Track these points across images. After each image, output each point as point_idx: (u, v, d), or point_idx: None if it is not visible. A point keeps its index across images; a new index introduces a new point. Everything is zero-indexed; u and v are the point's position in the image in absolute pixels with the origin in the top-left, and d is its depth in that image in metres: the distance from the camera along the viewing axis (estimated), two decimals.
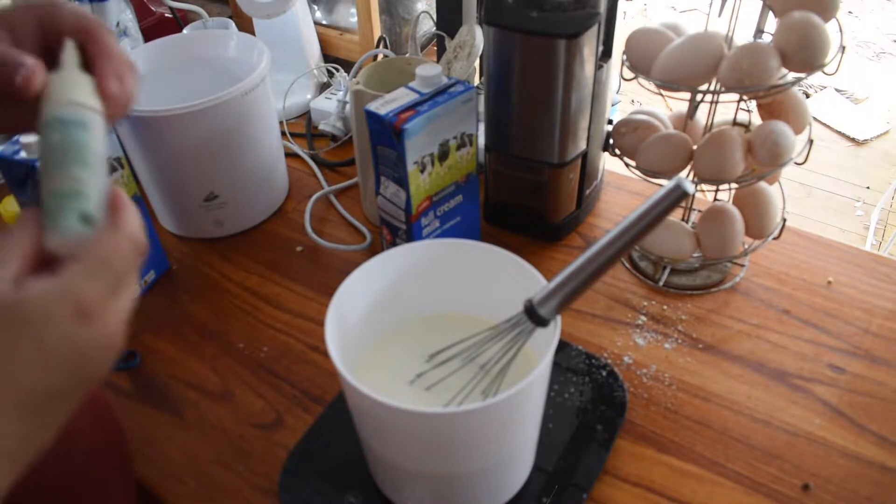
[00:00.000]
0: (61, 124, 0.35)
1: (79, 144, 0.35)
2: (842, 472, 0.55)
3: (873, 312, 0.67)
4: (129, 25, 0.84)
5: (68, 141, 0.35)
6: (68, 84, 0.37)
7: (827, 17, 0.58)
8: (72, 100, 0.36)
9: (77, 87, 0.37)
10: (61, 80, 0.37)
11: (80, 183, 0.34)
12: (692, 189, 0.41)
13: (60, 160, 0.34)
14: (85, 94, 0.37)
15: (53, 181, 0.34)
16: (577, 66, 0.64)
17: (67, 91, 0.36)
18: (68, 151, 0.35)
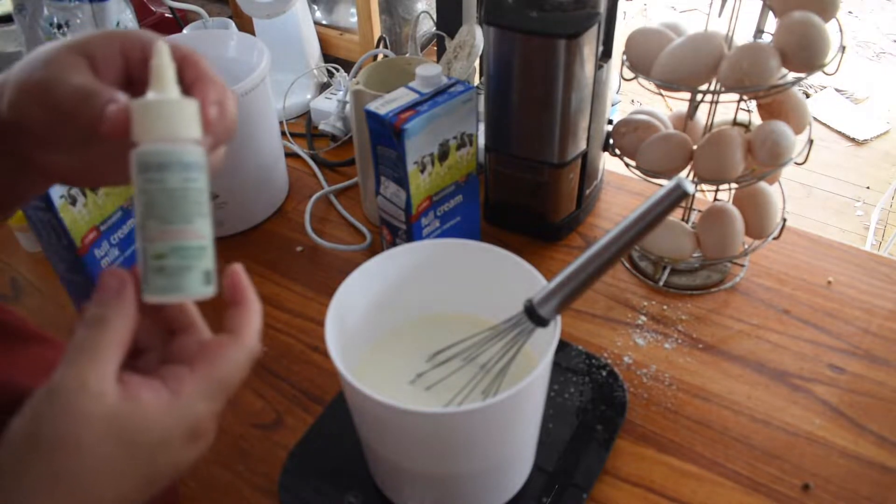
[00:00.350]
0: (181, 167, 0.30)
1: (199, 192, 0.31)
2: (842, 472, 0.55)
3: (873, 312, 0.67)
4: (128, 25, 0.84)
5: (190, 188, 0.30)
6: (177, 113, 0.31)
7: (827, 17, 0.59)
8: (187, 136, 0.31)
9: (188, 118, 0.31)
10: (167, 108, 0.31)
11: (204, 238, 0.31)
12: (692, 189, 0.41)
13: (183, 211, 0.30)
14: (195, 125, 0.31)
15: (173, 235, 0.30)
16: (577, 66, 0.64)
17: (178, 122, 0.31)
18: (190, 201, 0.30)
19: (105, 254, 0.69)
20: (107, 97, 0.31)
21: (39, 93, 0.32)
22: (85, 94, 0.32)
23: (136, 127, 0.31)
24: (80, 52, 0.33)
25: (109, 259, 0.69)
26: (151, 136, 0.30)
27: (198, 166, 0.31)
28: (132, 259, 0.72)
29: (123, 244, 0.71)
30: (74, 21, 0.79)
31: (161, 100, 0.31)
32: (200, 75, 0.34)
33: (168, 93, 0.31)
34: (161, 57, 0.32)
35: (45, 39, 0.80)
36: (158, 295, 0.31)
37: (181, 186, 0.30)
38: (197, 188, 0.31)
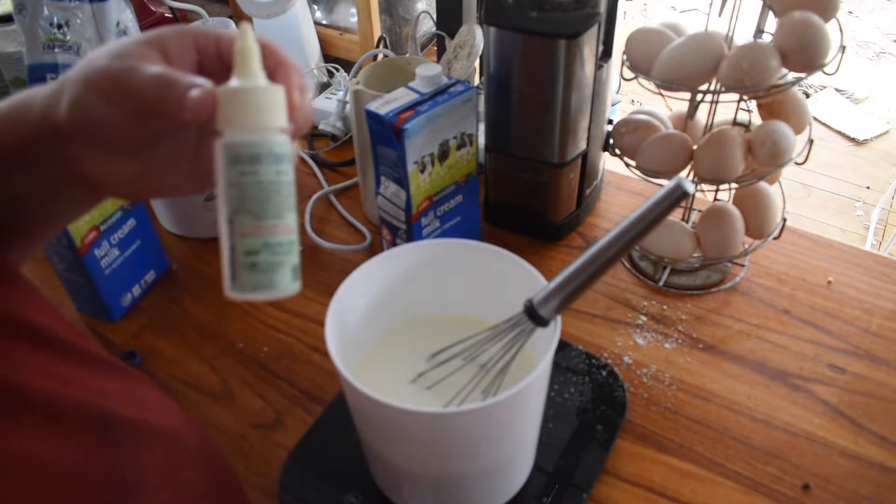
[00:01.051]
0: (274, 159, 0.29)
1: (290, 184, 0.30)
2: (842, 471, 0.55)
3: (873, 312, 0.67)
4: (128, 25, 0.84)
5: (283, 181, 0.29)
6: (267, 100, 0.29)
7: (827, 17, 0.59)
8: (276, 124, 0.30)
9: (277, 106, 0.30)
10: (257, 95, 0.29)
11: (294, 233, 0.30)
12: (692, 189, 0.41)
13: (276, 206, 0.29)
14: (283, 113, 0.30)
15: (266, 231, 0.29)
16: (578, 65, 0.64)
17: (267, 111, 0.29)
18: (283, 195, 0.29)
19: (105, 253, 0.69)
20: (188, 82, 0.30)
21: (112, 85, 0.31)
22: (164, 81, 0.30)
23: (222, 115, 0.29)
24: (153, 45, 0.32)
25: (109, 259, 0.69)
26: (241, 125, 0.29)
27: (288, 157, 0.30)
28: (132, 259, 0.72)
29: (123, 244, 0.71)
30: (74, 21, 0.79)
31: (251, 87, 0.29)
32: (281, 61, 0.32)
33: (255, 78, 0.30)
34: (247, 39, 0.30)
35: (44, 39, 0.80)
36: (249, 293, 0.29)
37: (275, 179, 0.29)
38: (288, 181, 0.30)
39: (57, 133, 0.33)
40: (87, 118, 0.32)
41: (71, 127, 0.33)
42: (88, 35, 0.80)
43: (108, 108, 0.31)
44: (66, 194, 0.37)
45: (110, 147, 0.34)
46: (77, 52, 0.80)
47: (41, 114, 0.34)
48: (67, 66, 0.81)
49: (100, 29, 0.80)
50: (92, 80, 0.32)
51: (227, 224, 0.30)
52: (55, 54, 0.80)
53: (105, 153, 0.34)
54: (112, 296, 0.70)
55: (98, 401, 0.36)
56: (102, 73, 0.31)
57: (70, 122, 0.32)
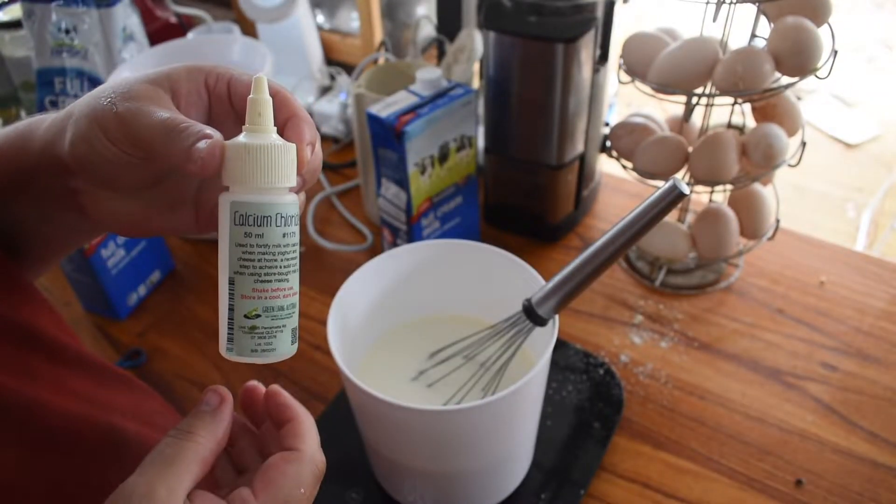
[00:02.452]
0: (282, 221, 0.28)
1: (296, 247, 0.29)
2: (834, 467, 0.56)
3: (864, 311, 0.69)
4: (134, 30, 0.85)
5: (289, 244, 0.28)
6: (279, 159, 0.28)
7: (819, 23, 0.60)
8: (285, 184, 0.28)
9: (288, 165, 0.28)
10: (269, 153, 0.28)
11: (296, 295, 0.29)
12: (687, 190, 0.41)
13: (280, 269, 0.28)
14: (293, 172, 0.29)
15: (268, 294, 0.28)
16: (575, 69, 0.65)
17: (278, 170, 0.28)
18: (288, 257, 0.28)
19: (111, 254, 0.70)
20: (197, 132, 0.28)
21: (118, 127, 0.30)
22: (171, 128, 0.29)
23: (230, 170, 0.28)
24: (161, 85, 0.31)
25: (115, 259, 0.70)
26: (250, 184, 0.28)
27: (295, 218, 0.29)
28: (138, 260, 0.73)
29: (129, 245, 0.72)
30: (82, 26, 0.80)
31: (262, 144, 0.28)
32: (294, 112, 0.31)
33: (267, 134, 0.28)
34: (261, 92, 0.29)
35: (53, 44, 0.80)
36: (245, 356, 0.29)
37: (281, 242, 0.28)
38: (294, 242, 0.29)
39: (58, 166, 0.32)
40: (89, 156, 0.31)
41: (73, 162, 0.32)
42: (96, 40, 0.80)
43: (111, 149, 0.30)
44: (67, 224, 0.37)
45: (111, 186, 0.33)
46: (84, 56, 0.81)
47: (43, 145, 0.33)
48: (75, 70, 0.82)
49: (106, 34, 0.81)
50: (97, 119, 0.30)
51: (228, 283, 0.29)
52: (63, 59, 0.81)
53: (105, 191, 0.33)
54: (118, 295, 0.71)
55: (109, 419, 0.37)
56: (109, 115, 0.30)
57: (72, 158, 0.32)
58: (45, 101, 0.85)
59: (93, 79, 0.82)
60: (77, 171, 0.32)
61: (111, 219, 0.34)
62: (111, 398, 0.39)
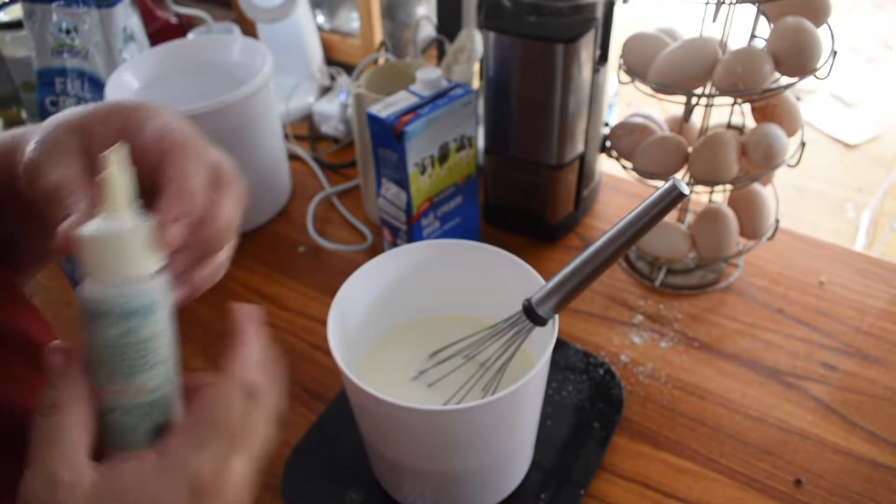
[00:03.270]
0: (121, 318, 0.26)
1: (147, 342, 0.27)
2: (834, 468, 0.56)
3: (864, 311, 0.69)
4: (135, 30, 0.85)
5: (134, 341, 0.26)
6: (122, 247, 0.26)
7: (819, 23, 0.60)
8: (130, 275, 0.26)
9: (137, 250, 0.26)
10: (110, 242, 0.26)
11: (153, 392, 0.27)
12: (687, 190, 0.41)
13: (126, 367, 0.27)
14: (147, 257, 0.27)
15: (119, 391, 0.27)
16: (575, 69, 0.65)
17: (123, 258, 0.26)
18: (136, 355, 0.27)
19: None
20: (66, 208, 0.27)
21: (26, 175, 0.30)
22: (56, 195, 0.28)
23: (82, 260, 0.26)
24: (77, 131, 0.30)
25: None
26: (95, 275, 0.26)
27: (145, 310, 0.26)
28: None
29: None
30: (82, 26, 0.80)
31: (102, 233, 0.26)
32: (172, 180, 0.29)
33: (114, 218, 0.27)
34: (110, 170, 0.26)
35: (53, 44, 0.80)
36: (108, 449, 0.27)
37: (120, 342, 0.26)
38: (143, 339, 0.26)
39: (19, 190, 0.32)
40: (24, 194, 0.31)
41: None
42: (96, 40, 0.81)
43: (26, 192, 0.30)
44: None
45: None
46: (85, 56, 0.81)
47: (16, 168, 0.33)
48: (76, 70, 0.82)
49: (107, 34, 0.81)
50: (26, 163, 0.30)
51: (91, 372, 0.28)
52: (64, 59, 0.81)
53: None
54: None
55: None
56: (29, 161, 0.30)
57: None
58: (45, 101, 0.85)
59: (93, 79, 0.82)
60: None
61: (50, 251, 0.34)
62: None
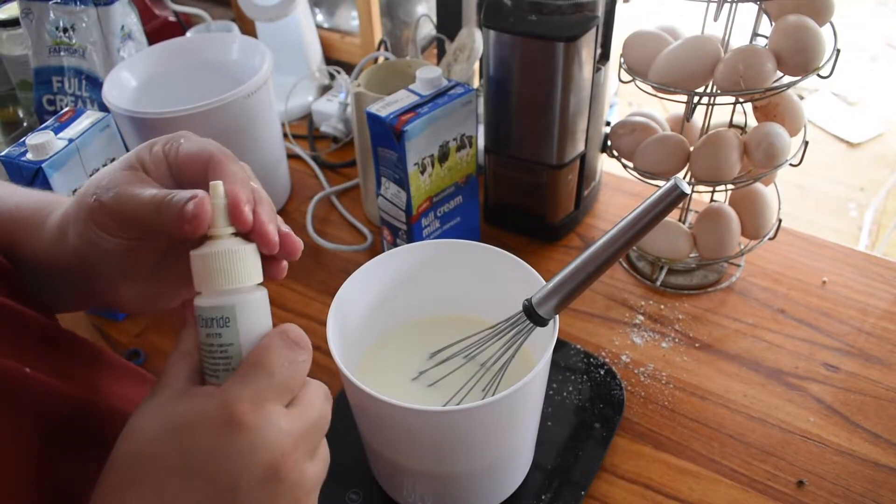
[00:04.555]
0: (206, 322, 0.31)
1: (225, 347, 0.31)
2: (836, 469, 0.56)
3: (867, 312, 0.68)
4: (133, 29, 0.85)
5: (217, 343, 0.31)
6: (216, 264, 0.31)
7: (821, 21, 0.59)
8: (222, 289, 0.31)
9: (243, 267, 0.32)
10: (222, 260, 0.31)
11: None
12: (689, 190, 0.41)
13: (208, 366, 0.32)
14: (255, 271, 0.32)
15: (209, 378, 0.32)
16: (576, 68, 0.65)
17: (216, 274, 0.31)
18: (215, 356, 0.31)
19: None
20: (182, 197, 0.31)
21: (109, 216, 0.33)
22: (159, 202, 0.32)
23: (196, 277, 0.31)
24: (135, 167, 0.34)
25: None
26: (200, 286, 0.31)
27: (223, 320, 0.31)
28: None
29: None
30: (80, 25, 0.79)
31: (215, 252, 0.31)
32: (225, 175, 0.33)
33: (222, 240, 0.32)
34: (215, 200, 0.32)
35: (50, 43, 0.80)
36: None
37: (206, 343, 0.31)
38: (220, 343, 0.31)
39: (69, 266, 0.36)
40: (93, 256, 0.34)
41: (78, 265, 0.35)
42: (94, 39, 0.80)
43: (111, 241, 0.34)
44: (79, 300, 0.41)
45: (120, 276, 0.36)
46: (83, 55, 0.81)
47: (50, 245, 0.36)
48: (73, 68, 0.82)
49: (105, 33, 0.81)
50: (90, 217, 0.34)
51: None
52: (61, 57, 0.81)
53: (116, 280, 0.36)
54: None
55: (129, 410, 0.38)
56: (97, 209, 0.33)
57: (77, 261, 0.35)
58: (42, 100, 0.85)
59: (91, 77, 0.82)
60: (86, 273, 0.36)
61: (130, 305, 0.38)
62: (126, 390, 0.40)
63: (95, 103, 0.83)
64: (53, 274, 0.37)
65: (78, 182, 0.65)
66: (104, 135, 0.67)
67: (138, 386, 0.42)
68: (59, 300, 0.41)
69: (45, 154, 0.62)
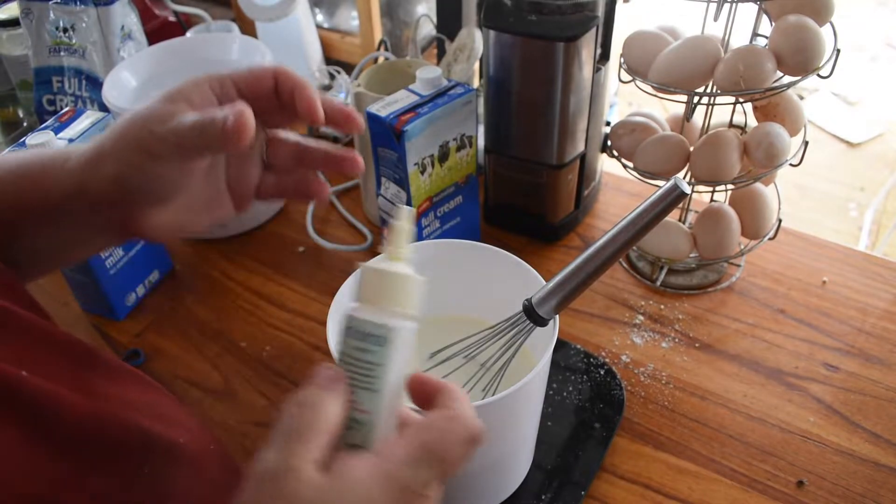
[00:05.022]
0: (361, 336, 0.31)
1: (373, 366, 0.31)
2: (836, 469, 0.56)
3: (867, 312, 0.68)
4: (133, 29, 0.85)
5: (365, 359, 0.31)
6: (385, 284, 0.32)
7: (821, 21, 0.59)
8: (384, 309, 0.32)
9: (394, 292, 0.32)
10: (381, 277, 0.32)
11: (363, 415, 0.31)
12: (688, 190, 0.41)
13: (352, 380, 0.31)
14: (414, 303, 0.32)
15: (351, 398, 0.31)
16: (576, 68, 0.65)
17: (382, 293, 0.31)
18: (361, 372, 0.31)
19: (110, 254, 0.69)
20: (222, 115, 0.34)
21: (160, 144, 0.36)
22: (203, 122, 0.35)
23: (364, 287, 0.32)
24: (177, 101, 0.37)
25: (113, 259, 0.70)
26: (362, 297, 0.31)
27: (381, 339, 0.31)
28: (136, 259, 0.73)
29: (127, 245, 0.72)
30: (80, 24, 0.79)
31: (380, 268, 0.32)
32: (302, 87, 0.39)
33: (400, 262, 0.33)
34: (401, 222, 0.33)
35: (50, 43, 0.80)
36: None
37: (354, 355, 0.31)
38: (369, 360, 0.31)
39: (98, 200, 0.38)
40: (138, 180, 0.37)
41: (118, 193, 0.37)
42: (94, 38, 0.80)
43: (159, 167, 0.37)
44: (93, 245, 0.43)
45: (159, 201, 0.38)
46: (83, 54, 0.81)
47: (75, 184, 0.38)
48: (73, 68, 0.82)
49: (105, 32, 0.81)
50: (140, 146, 0.36)
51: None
52: (61, 57, 0.81)
53: (152, 207, 0.39)
54: (116, 295, 0.71)
55: (133, 418, 0.37)
56: (149, 139, 0.36)
57: (117, 189, 0.37)
58: (42, 100, 0.85)
59: (91, 77, 0.82)
60: (121, 200, 0.38)
61: (157, 230, 0.40)
62: (123, 392, 0.40)
63: (95, 103, 0.83)
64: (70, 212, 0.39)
65: None
66: None
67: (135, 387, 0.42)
68: (55, 254, 0.42)
69: None
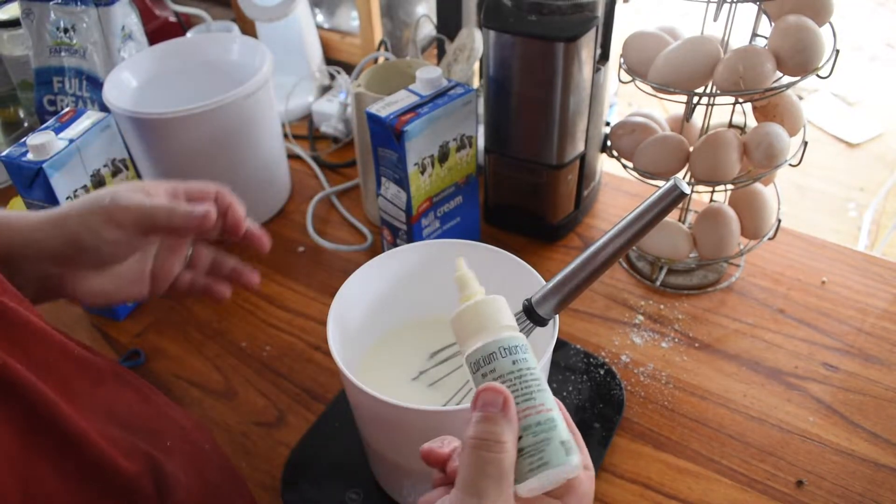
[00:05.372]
0: (508, 352, 0.34)
1: (533, 370, 0.34)
2: (835, 468, 0.56)
3: (866, 311, 0.68)
4: (133, 29, 0.85)
5: (525, 367, 0.34)
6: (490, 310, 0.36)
7: (821, 22, 0.59)
8: (502, 326, 0.35)
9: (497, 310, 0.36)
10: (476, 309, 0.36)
11: (550, 412, 0.33)
12: (688, 190, 0.41)
13: (526, 390, 0.33)
14: (506, 314, 0.36)
15: (527, 409, 0.33)
16: (575, 68, 0.65)
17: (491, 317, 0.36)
18: (530, 380, 0.34)
19: None
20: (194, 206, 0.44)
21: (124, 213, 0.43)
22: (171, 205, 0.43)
23: (458, 336, 0.36)
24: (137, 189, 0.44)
25: None
26: (474, 336, 0.35)
27: (522, 347, 0.34)
28: None
29: None
30: (80, 25, 0.80)
31: (469, 305, 0.37)
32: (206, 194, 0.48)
33: (475, 295, 0.37)
34: (462, 269, 0.39)
35: (51, 43, 0.80)
36: (527, 482, 0.32)
37: (514, 369, 0.34)
38: (528, 367, 0.34)
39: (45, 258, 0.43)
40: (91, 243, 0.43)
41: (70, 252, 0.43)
42: (94, 39, 0.80)
43: (115, 232, 0.43)
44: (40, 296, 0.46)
45: (98, 263, 0.44)
46: (83, 55, 0.81)
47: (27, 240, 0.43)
48: (74, 69, 0.82)
49: (105, 33, 0.81)
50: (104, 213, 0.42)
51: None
52: (61, 58, 0.81)
53: (87, 272, 0.44)
54: None
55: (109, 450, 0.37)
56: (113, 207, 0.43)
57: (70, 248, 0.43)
58: (43, 100, 0.85)
59: (91, 78, 0.82)
60: (69, 258, 0.43)
61: (86, 295, 0.45)
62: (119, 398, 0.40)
63: (96, 103, 0.83)
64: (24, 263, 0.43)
65: (78, 182, 0.65)
66: (105, 135, 0.67)
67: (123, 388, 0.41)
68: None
69: (46, 154, 0.62)
